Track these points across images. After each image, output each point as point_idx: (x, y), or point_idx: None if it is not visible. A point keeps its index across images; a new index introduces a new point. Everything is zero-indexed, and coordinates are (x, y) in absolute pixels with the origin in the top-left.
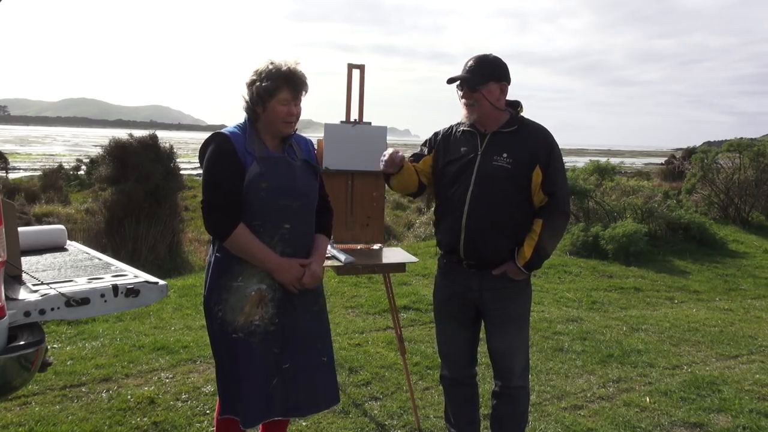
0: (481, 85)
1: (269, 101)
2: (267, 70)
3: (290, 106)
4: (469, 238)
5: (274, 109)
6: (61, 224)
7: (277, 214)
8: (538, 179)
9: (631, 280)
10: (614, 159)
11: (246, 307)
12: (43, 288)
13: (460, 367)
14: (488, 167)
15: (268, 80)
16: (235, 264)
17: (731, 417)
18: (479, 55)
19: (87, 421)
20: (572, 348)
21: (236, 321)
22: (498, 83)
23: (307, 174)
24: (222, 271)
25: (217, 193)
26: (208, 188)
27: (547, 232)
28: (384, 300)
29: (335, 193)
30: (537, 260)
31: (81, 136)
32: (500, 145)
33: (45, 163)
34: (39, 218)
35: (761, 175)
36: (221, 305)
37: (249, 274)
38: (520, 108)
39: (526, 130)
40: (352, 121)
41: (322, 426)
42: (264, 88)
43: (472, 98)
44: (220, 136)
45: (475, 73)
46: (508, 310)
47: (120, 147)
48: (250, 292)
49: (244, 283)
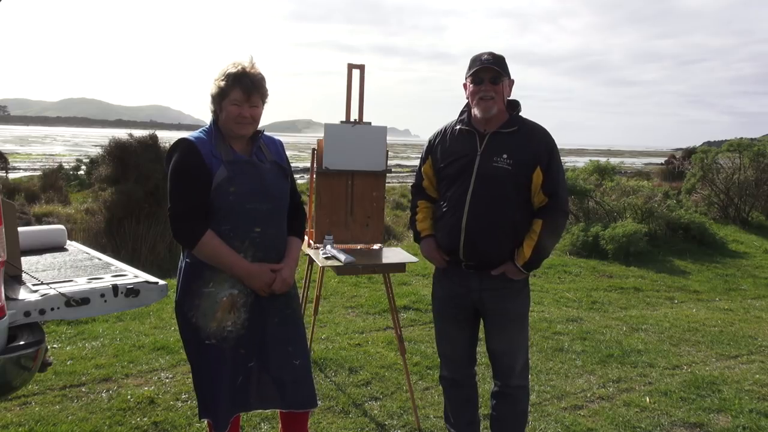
0: (503, 78)
1: (223, 101)
2: (224, 70)
3: (243, 107)
4: (469, 239)
5: (226, 109)
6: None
7: (246, 218)
8: (539, 180)
9: (631, 280)
10: (614, 159)
11: (218, 313)
12: (43, 288)
13: (460, 367)
14: (488, 168)
15: (223, 81)
16: (205, 270)
17: (731, 417)
18: (491, 51)
19: (87, 421)
20: (572, 348)
21: (209, 327)
22: (509, 79)
23: (277, 176)
24: (193, 276)
25: (183, 202)
26: (173, 198)
27: (547, 233)
28: (384, 300)
29: (335, 193)
30: (536, 260)
31: (81, 136)
32: (500, 146)
33: (45, 163)
34: (39, 218)
35: (761, 175)
36: (193, 311)
37: (220, 280)
38: (519, 108)
39: (526, 130)
40: (352, 121)
41: (322, 426)
42: (218, 88)
43: (494, 90)
44: (185, 142)
45: (496, 65)
46: (507, 310)
47: (120, 147)
48: (221, 298)
49: (215, 289)
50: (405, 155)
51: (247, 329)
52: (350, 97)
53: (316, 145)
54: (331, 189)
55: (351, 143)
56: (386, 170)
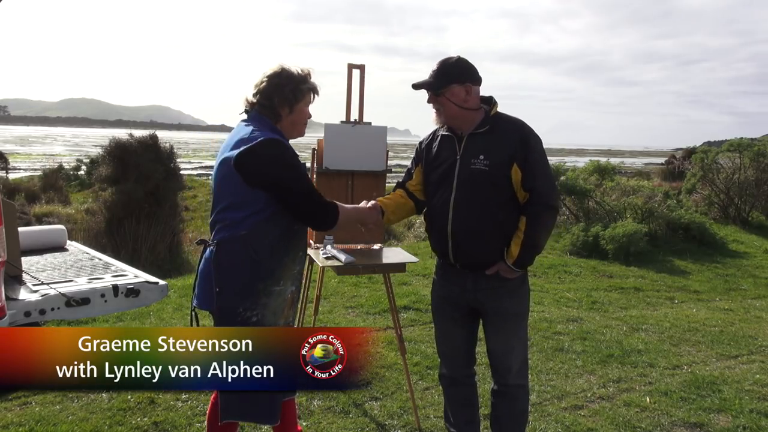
0: (443, 89)
1: (298, 104)
2: (301, 72)
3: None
4: (456, 243)
5: (301, 111)
6: (61, 224)
7: None
8: (518, 177)
9: (631, 280)
10: (614, 159)
11: (285, 309)
12: (44, 288)
13: (459, 366)
14: (467, 172)
15: (303, 83)
16: (277, 268)
17: (731, 417)
18: (442, 59)
19: (87, 421)
20: (572, 348)
21: (277, 323)
22: (462, 84)
23: None
24: (261, 275)
25: (311, 184)
26: (308, 186)
27: (532, 229)
28: (384, 300)
29: (335, 193)
30: (526, 257)
31: (81, 136)
32: (476, 147)
33: (45, 163)
34: (39, 218)
35: (761, 175)
36: (258, 310)
37: (288, 277)
38: (494, 104)
39: (499, 127)
40: (352, 121)
41: (322, 426)
42: (298, 91)
43: (437, 102)
44: (282, 141)
45: (436, 77)
46: (503, 308)
47: (120, 147)
48: (288, 295)
49: (285, 287)
50: (405, 155)
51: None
52: (350, 97)
53: (316, 145)
54: (331, 189)
55: (351, 143)
56: (386, 170)
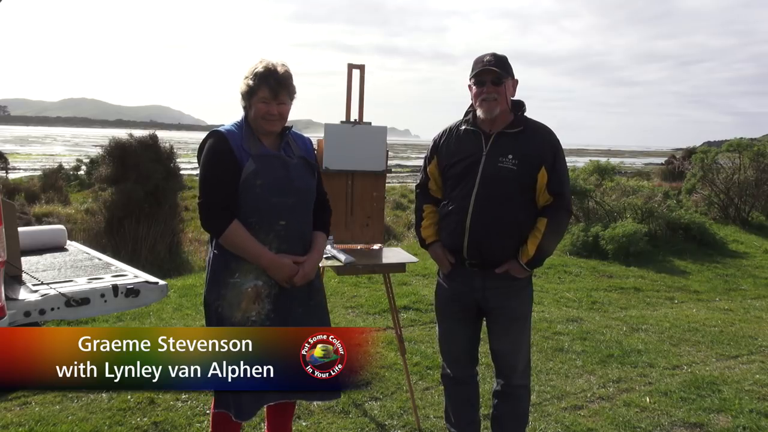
0: (505, 79)
1: (252, 99)
2: (253, 69)
3: (270, 105)
4: (473, 239)
5: (255, 106)
6: (61, 224)
7: (271, 211)
8: (543, 180)
9: (631, 280)
10: (614, 159)
11: (243, 303)
12: (43, 288)
13: (461, 366)
14: (493, 168)
15: (252, 79)
16: (231, 261)
17: (731, 417)
18: (493, 52)
19: (87, 421)
20: (572, 348)
21: (233, 316)
22: (513, 79)
23: (304, 171)
24: (219, 267)
25: (213, 191)
26: (204, 186)
27: (552, 231)
28: (384, 300)
29: (335, 193)
30: (539, 258)
31: (81, 136)
32: (505, 146)
33: (45, 163)
34: (39, 218)
35: (761, 175)
36: (219, 301)
37: (245, 271)
38: (524, 108)
39: (531, 130)
40: (352, 121)
41: (322, 426)
42: (247, 87)
43: (496, 92)
44: (217, 134)
45: (498, 66)
46: (510, 308)
47: (120, 147)
48: (246, 288)
49: (240, 280)
50: (405, 155)
51: (270, 320)
52: (350, 97)
53: (316, 145)
54: (331, 189)
55: (351, 143)
56: (386, 170)
